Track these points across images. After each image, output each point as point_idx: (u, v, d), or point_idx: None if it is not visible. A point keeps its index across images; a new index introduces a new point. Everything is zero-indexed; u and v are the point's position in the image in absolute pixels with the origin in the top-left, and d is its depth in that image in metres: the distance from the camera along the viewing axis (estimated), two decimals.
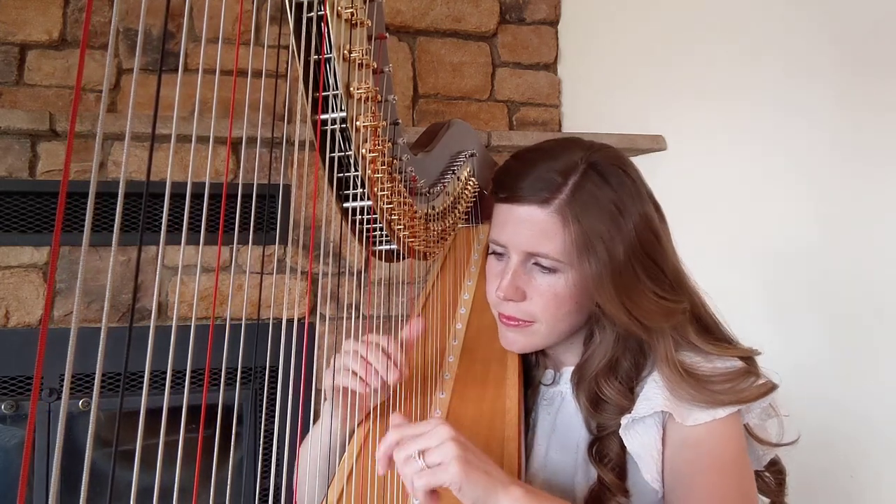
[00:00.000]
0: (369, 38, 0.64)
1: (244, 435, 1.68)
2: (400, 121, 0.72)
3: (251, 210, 1.55)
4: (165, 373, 0.40)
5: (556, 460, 0.80)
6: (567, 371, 0.86)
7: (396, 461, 0.60)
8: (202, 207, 0.45)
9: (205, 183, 0.53)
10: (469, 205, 1.03)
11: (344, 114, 0.63)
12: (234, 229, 1.46)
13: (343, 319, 0.79)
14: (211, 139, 0.51)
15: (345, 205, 0.71)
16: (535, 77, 2.21)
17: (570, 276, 0.75)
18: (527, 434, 0.83)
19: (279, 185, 0.59)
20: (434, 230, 0.90)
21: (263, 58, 1.76)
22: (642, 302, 0.73)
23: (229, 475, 1.64)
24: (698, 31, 1.78)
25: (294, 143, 0.64)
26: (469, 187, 1.01)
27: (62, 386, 1.55)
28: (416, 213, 0.82)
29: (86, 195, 0.31)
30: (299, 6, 0.58)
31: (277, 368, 0.55)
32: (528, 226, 0.75)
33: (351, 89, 0.63)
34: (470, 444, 0.59)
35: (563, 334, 0.81)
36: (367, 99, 0.64)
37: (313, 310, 1.68)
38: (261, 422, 1.68)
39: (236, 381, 1.57)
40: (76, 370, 1.60)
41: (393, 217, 0.75)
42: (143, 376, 0.36)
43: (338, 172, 0.68)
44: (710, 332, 0.79)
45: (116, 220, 0.35)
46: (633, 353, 0.79)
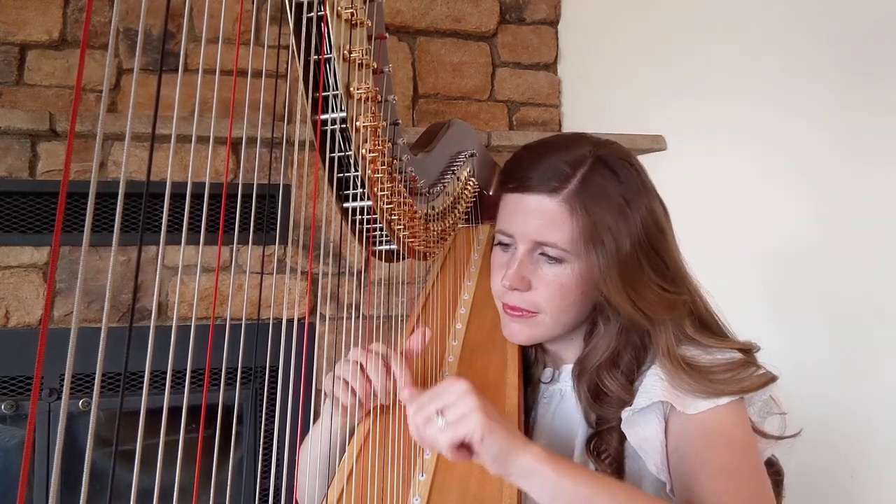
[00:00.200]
0: (369, 38, 0.64)
1: (244, 435, 1.68)
2: (400, 121, 0.73)
3: (251, 210, 1.55)
4: (165, 373, 0.40)
5: None
6: (567, 369, 0.86)
7: (416, 425, 0.61)
8: (202, 207, 0.45)
9: (205, 183, 0.53)
10: (469, 205, 1.03)
11: (344, 114, 0.63)
12: (234, 229, 1.46)
13: (343, 319, 0.79)
14: (211, 139, 0.51)
15: (345, 205, 0.71)
16: (535, 77, 2.21)
17: (575, 267, 0.76)
18: (526, 433, 0.83)
19: (279, 185, 0.59)
20: (434, 230, 0.90)
21: (263, 58, 1.76)
22: (646, 293, 0.74)
23: (229, 475, 1.64)
24: (698, 31, 1.78)
25: (294, 143, 0.64)
26: (469, 187, 1.01)
27: (62, 386, 1.54)
28: (416, 213, 0.82)
29: (86, 195, 0.31)
30: (299, 6, 0.58)
31: (277, 368, 0.55)
32: (537, 215, 0.76)
33: (351, 89, 0.63)
34: (489, 404, 0.60)
35: (567, 326, 0.81)
36: (367, 99, 0.64)
37: (313, 310, 1.68)
38: (261, 422, 1.68)
39: (236, 381, 1.57)
40: (76, 370, 1.60)
41: (393, 217, 0.75)
42: (144, 376, 0.36)
43: (338, 172, 0.68)
44: (709, 328, 0.80)
45: (117, 220, 0.35)
46: (635, 347, 0.79)
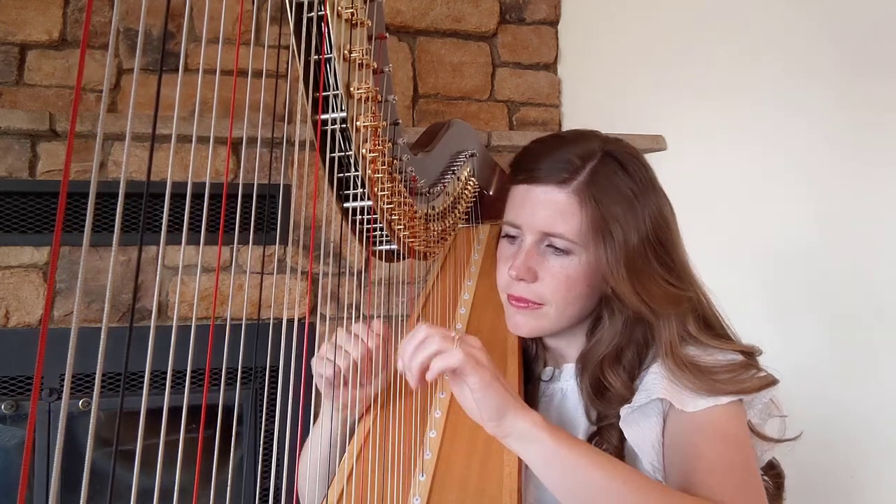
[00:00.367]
0: (369, 38, 0.64)
1: (244, 435, 1.68)
2: (400, 121, 0.73)
3: (251, 210, 1.55)
4: (166, 373, 0.40)
5: None
6: (567, 368, 0.86)
7: (426, 330, 0.61)
8: (202, 207, 0.45)
9: (205, 183, 0.53)
10: (469, 205, 1.03)
11: (344, 114, 0.63)
12: (234, 229, 1.46)
13: (343, 319, 0.79)
14: (211, 139, 0.51)
15: (345, 205, 0.71)
16: (535, 77, 2.21)
17: (582, 259, 0.76)
18: None
19: (279, 185, 0.59)
20: (434, 230, 0.90)
21: (264, 58, 1.76)
22: (651, 287, 0.74)
23: (229, 475, 1.64)
24: (698, 31, 1.78)
25: (294, 143, 0.64)
26: (469, 187, 1.01)
27: (62, 386, 1.54)
28: (416, 213, 0.82)
29: (86, 195, 0.31)
30: (299, 6, 0.58)
31: (277, 369, 0.55)
32: (546, 205, 0.76)
33: (351, 89, 0.63)
34: (490, 358, 0.61)
35: (572, 319, 0.81)
36: (367, 99, 0.64)
37: (313, 310, 1.68)
38: (261, 422, 1.68)
39: (236, 381, 1.57)
40: (76, 370, 1.60)
41: (393, 217, 0.75)
42: (144, 376, 0.36)
43: (338, 172, 0.68)
44: (713, 328, 0.80)
45: (117, 221, 0.35)
46: (637, 344, 0.79)
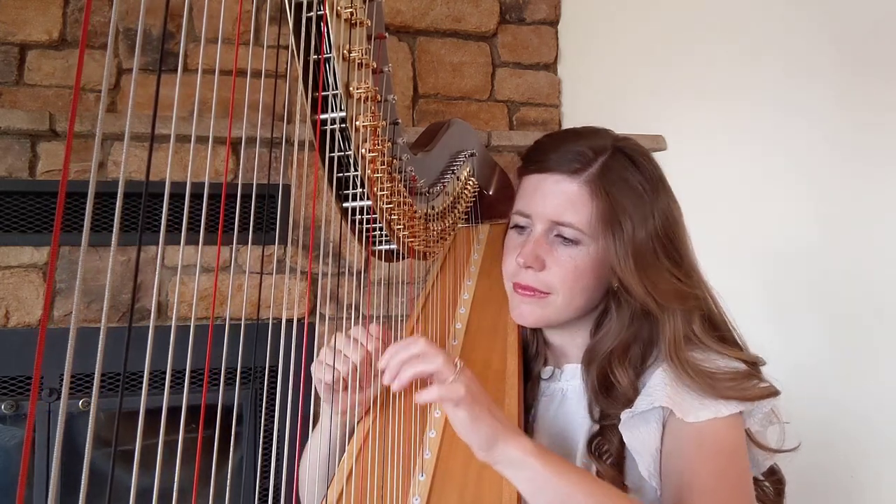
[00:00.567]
0: (369, 37, 0.64)
1: (244, 435, 1.68)
2: (400, 120, 0.72)
3: (251, 210, 1.55)
4: (165, 373, 0.40)
5: None
6: (568, 368, 0.86)
7: (425, 347, 0.61)
8: (202, 207, 0.45)
9: (204, 183, 0.53)
10: (469, 205, 1.03)
11: (343, 113, 0.63)
12: (233, 229, 1.46)
13: (343, 319, 0.79)
14: (210, 139, 0.51)
15: (344, 205, 0.71)
16: (535, 77, 2.20)
17: (590, 250, 0.77)
18: (526, 430, 0.83)
19: (279, 185, 0.59)
20: (434, 230, 0.90)
21: (263, 58, 1.76)
22: (659, 281, 0.75)
23: (229, 475, 1.64)
24: (698, 31, 1.79)
25: (294, 143, 0.64)
26: (469, 187, 1.01)
27: (62, 386, 1.54)
28: (415, 212, 0.82)
29: (85, 195, 0.31)
30: (299, 6, 0.58)
31: (277, 368, 0.55)
32: (557, 194, 0.77)
33: (350, 89, 0.63)
34: (484, 391, 0.61)
35: (578, 311, 0.81)
36: (366, 99, 0.64)
37: (313, 310, 1.68)
38: (260, 422, 1.68)
39: (236, 381, 1.57)
40: (76, 370, 1.60)
41: (393, 217, 0.75)
42: (143, 376, 0.36)
43: (337, 172, 0.68)
44: (718, 329, 0.80)
45: (116, 220, 0.35)
46: (643, 342, 0.79)
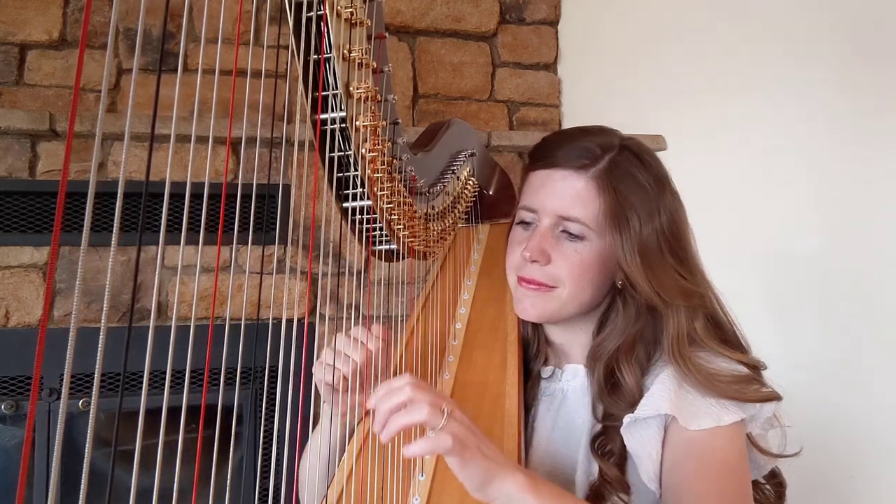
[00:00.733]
0: (369, 37, 0.64)
1: (244, 435, 1.68)
2: (400, 120, 0.72)
3: (251, 210, 1.55)
4: (165, 373, 0.40)
5: (557, 458, 0.80)
6: (569, 368, 0.86)
7: (411, 391, 0.59)
8: (202, 207, 0.45)
9: (204, 183, 0.53)
10: (469, 204, 1.03)
11: (344, 113, 0.63)
12: (233, 229, 1.46)
13: (343, 319, 0.79)
14: (210, 139, 0.51)
15: (344, 205, 0.71)
16: (535, 77, 2.20)
17: (596, 245, 0.77)
18: (526, 429, 0.83)
19: (279, 184, 0.59)
20: (434, 230, 0.90)
21: (263, 58, 1.76)
22: (664, 277, 0.75)
23: (229, 475, 1.64)
24: (699, 31, 1.78)
25: (294, 143, 0.64)
26: (469, 187, 1.01)
27: (62, 386, 1.54)
28: (415, 212, 0.82)
29: (85, 195, 0.31)
30: (299, 6, 0.58)
31: (277, 368, 0.55)
32: (564, 189, 0.78)
33: (350, 89, 0.63)
34: (474, 427, 0.60)
35: (581, 306, 0.81)
36: (366, 98, 0.64)
37: (313, 310, 1.68)
38: (260, 422, 1.68)
39: (236, 381, 1.57)
40: (76, 370, 1.59)
41: (393, 217, 0.75)
42: (143, 376, 0.36)
43: (337, 172, 0.68)
44: (722, 329, 0.80)
45: (116, 220, 0.35)
46: (647, 342, 0.80)
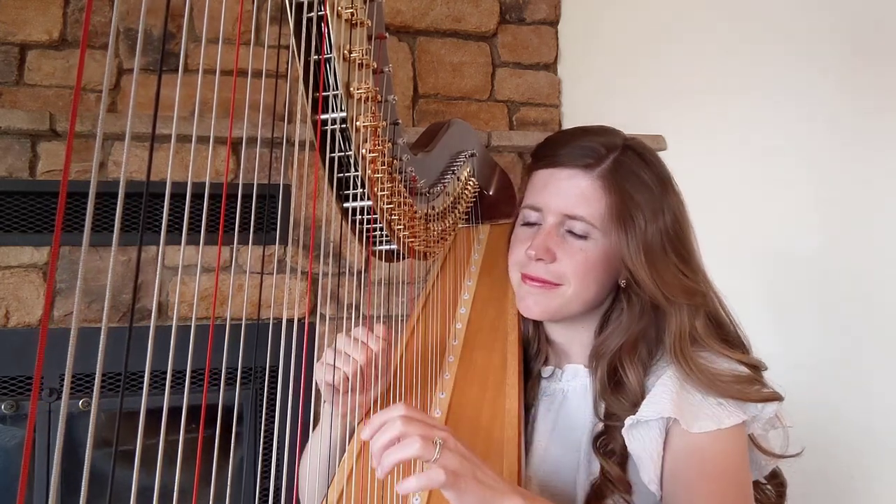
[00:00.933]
0: (369, 38, 0.64)
1: (244, 435, 1.68)
2: (400, 121, 0.72)
3: (251, 210, 1.55)
4: (166, 373, 0.40)
5: (557, 458, 0.80)
6: (570, 368, 0.86)
7: (402, 426, 0.57)
8: (202, 207, 0.45)
9: (205, 183, 0.53)
10: (469, 205, 1.03)
11: (344, 114, 0.63)
12: (234, 229, 1.46)
13: (343, 319, 0.79)
14: (211, 139, 0.51)
15: (345, 205, 0.71)
16: (535, 77, 2.20)
17: (600, 244, 0.78)
18: (526, 429, 0.83)
19: (279, 185, 0.59)
20: (434, 230, 0.90)
21: (264, 58, 1.76)
22: (667, 276, 0.75)
23: (229, 476, 1.64)
24: (699, 31, 1.78)
25: (294, 144, 0.64)
26: (469, 187, 1.01)
27: (62, 386, 1.54)
28: (416, 213, 0.82)
29: (86, 195, 0.31)
30: (299, 6, 0.58)
31: (277, 368, 0.55)
32: (568, 188, 0.78)
33: (351, 89, 0.63)
34: (469, 454, 0.58)
35: (584, 304, 0.82)
36: (367, 99, 0.64)
37: (313, 310, 1.68)
38: (261, 422, 1.68)
39: (236, 381, 1.57)
40: (76, 370, 1.60)
41: (393, 217, 0.75)
42: (144, 376, 0.36)
43: (338, 172, 0.68)
44: (723, 329, 0.80)
45: (117, 220, 0.35)
46: (649, 342, 0.80)
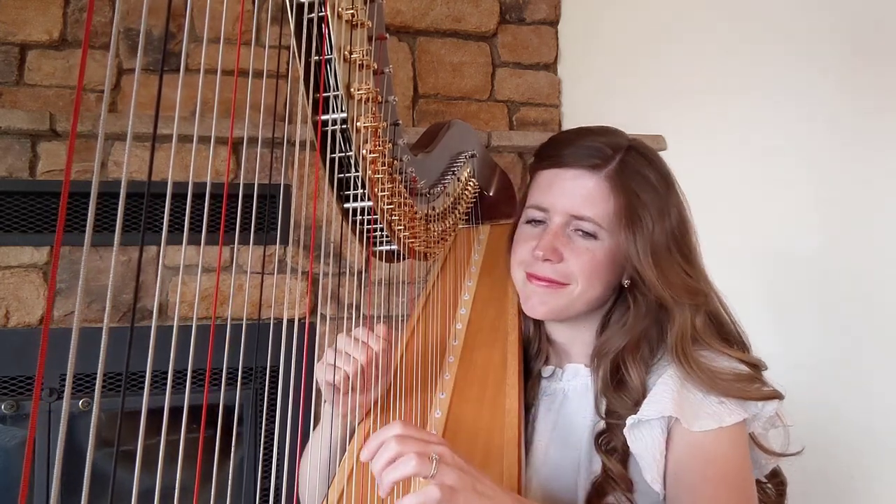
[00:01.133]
0: (370, 38, 0.64)
1: (245, 435, 1.68)
2: (400, 122, 0.73)
3: (252, 210, 1.55)
4: (166, 373, 0.40)
5: (558, 457, 0.80)
6: (570, 367, 0.86)
7: (397, 446, 0.56)
8: (203, 208, 0.45)
9: (206, 183, 0.53)
10: (469, 205, 1.03)
11: (344, 115, 0.63)
12: (234, 229, 1.46)
13: (344, 319, 0.79)
14: (212, 139, 0.52)
15: (345, 205, 0.71)
16: (535, 77, 2.21)
17: (607, 244, 0.78)
18: (526, 429, 0.83)
19: (280, 185, 0.59)
20: (434, 231, 0.90)
21: (264, 58, 1.76)
22: (672, 276, 0.76)
23: (230, 475, 1.64)
24: (699, 31, 1.79)
25: (295, 144, 0.64)
26: (469, 188, 1.01)
27: (62, 386, 1.54)
28: (416, 213, 0.82)
29: (86, 195, 0.31)
30: (300, 7, 0.59)
31: (278, 369, 0.55)
32: (575, 189, 0.78)
33: (351, 90, 0.63)
34: (467, 466, 0.57)
35: (589, 304, 0.82)
36: (367, 100, 0.64)
37: (314, 310, 1.68)
38: (261, 422, 1.68)
39: (237, 381, 1.57)
40: (76, 370, 1.59)
41: (393, 218, 0.76)
42: (144, 376, 0.36)
43: (338, 173, 0.68)
44: (723, 329, 0.81)
45: (118, 221, 0.35)
46: (651, 341, 0.80)
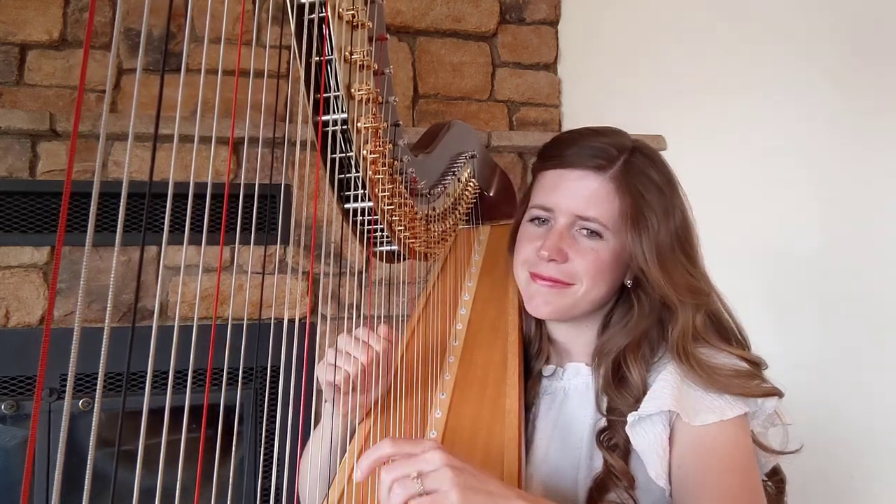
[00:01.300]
0: (370, 39, 0.64)
1: (245, 435, 1.68)
2: (401, 122, 0.73)
3: (252, 210, 1.55)
4: (167, 373, 0.40)
5: (558, 457, 0.80)
6: (571, 366, 0.86)
7: (384, 478, 0.56)
8: (203, 208, 0.45)
9: (206, 183, 0.53)
10: (469, 206, 1.03)
11: (345, 115, 0.63)
12: (235, 229, 1.46)
13: (344, 320, 0.79)
14: (213, 139, 0.52)
15: (346, 206, 0.71)
16: (535, 77, 2.21)
17: (612, 244, 0.78)
18: (527, 428, 0.83)
19: (280, 185, 0.59)
20: (435, 231, 0.90)
21: (265, 59, 1.76)
22: (675, 276, 0.76)
23: (230, 475, 1.64)
24: (699, 31, 1.79)
25: (295, 144, 0.64)
26: (470, 188, 1.01)
27: (62, 386, 1.54)
28: (416, 214, 0.82)
29: (87, 195, 0.31)
30: (301, 8, 0.59)
31: (278, 368, 0.55)
32: (580, 189, 0.78)
33: (352, 91, 0.63)
34: (466, 466, 0.57)
35: (593, 304, 0.82)
36: (367, 100, 0.64)
37: (314, 310, 1.68)
38: (261, 422, 1.68)
39: (237, 381, 1.57)
40: (77, 370, 1.59)
41: (394, 218, 0.76)
42: (145, 376, 0.36)
43: (339, 174, 0.68)
44: (724, 328, 0.81)
45: (119, 221, 0.35)
46: (652, 340, 0.81)
